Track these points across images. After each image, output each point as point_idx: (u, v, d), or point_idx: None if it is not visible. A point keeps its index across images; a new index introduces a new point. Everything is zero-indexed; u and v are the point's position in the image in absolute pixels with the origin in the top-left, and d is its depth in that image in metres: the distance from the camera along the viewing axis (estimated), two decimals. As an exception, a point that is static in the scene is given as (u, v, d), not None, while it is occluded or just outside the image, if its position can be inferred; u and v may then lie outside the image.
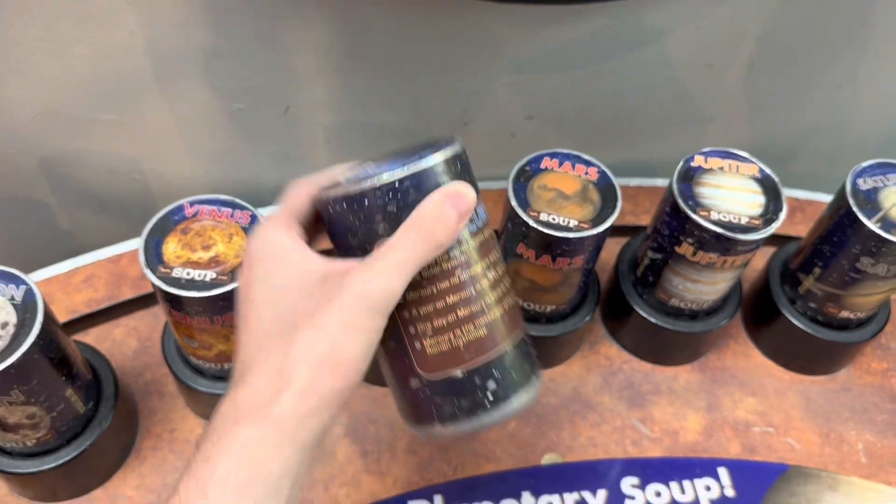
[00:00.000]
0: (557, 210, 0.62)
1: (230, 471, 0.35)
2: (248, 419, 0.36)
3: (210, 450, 0.36)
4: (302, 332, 0.37)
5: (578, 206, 0.62)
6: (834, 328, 0.74)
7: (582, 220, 0.61)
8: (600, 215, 0.62)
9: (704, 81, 0.79)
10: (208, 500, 0.35)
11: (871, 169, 0.68)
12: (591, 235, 0.60)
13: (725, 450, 0.73)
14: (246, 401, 0.37)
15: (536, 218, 0.61)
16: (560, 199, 0.62)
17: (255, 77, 0.70)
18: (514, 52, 0.73)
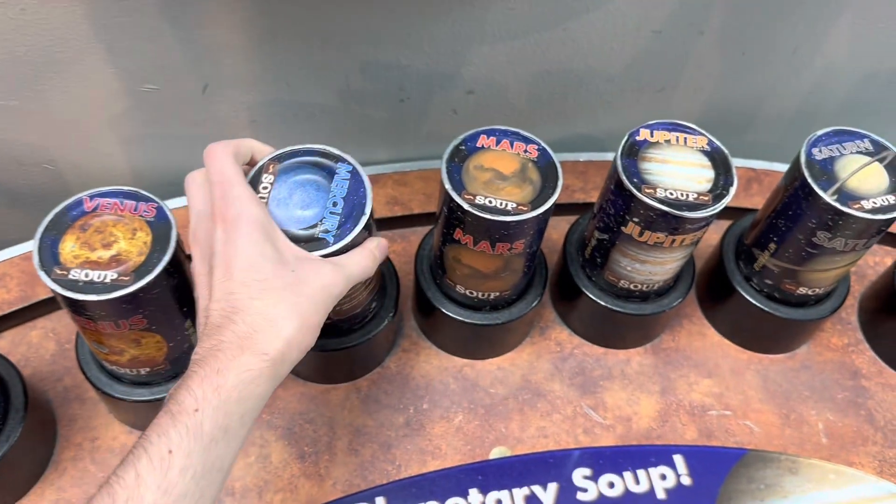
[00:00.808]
0: (495, 192, 0.57)
1: (238, 384, 0.45)
2: (250, 352, 0.46)
3: (222, 365, 0.45)
4: (289, 295, 0.48)
5: (517, 188, 0.57)
6: (792, 305, 0.70)
7: (521, 203, 0.56)
8: (540, 196, 0.57)
9: (653, 49, 0.75)
10: (219, 399, 0.44)
11: (827, 137, 0.64)
12: (530, 218, 0.56)
13: (681, 436, 0.70)
14: (246, 335, 0.46)
15: (472, 202, 0.56)
16: (497, 181, 0.58)
17: (166, 55, 0.64)
18: (448, 23, 0.68)
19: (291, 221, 0.53)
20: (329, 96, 0.72)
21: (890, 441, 0.72)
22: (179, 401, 0.44)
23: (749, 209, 0.77)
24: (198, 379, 0.45)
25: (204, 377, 0.45)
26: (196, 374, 0.45)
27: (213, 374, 0.45)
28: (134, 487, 0.41)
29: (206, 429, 0.43)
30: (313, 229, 0.53)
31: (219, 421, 0.44)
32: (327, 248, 0.52)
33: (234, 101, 0.70)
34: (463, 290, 0.66)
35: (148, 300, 0.52)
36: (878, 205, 0.60)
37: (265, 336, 0.46)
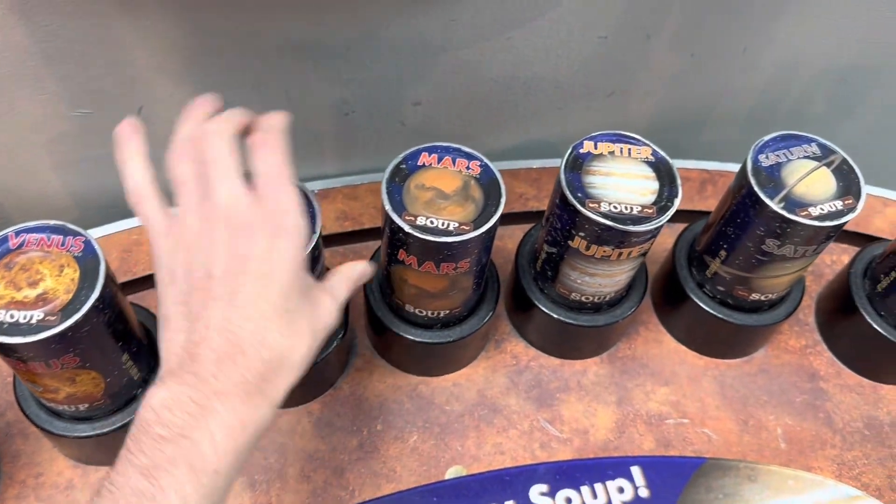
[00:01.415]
0: (436, 212, 0.56)
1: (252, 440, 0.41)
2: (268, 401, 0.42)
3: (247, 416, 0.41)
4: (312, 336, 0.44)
5: (459, 206, 0.56)
6: (745, 311, 0.70)
7: (463, 222, 0.55)
8: (483, 214, 0.56)
9: (600, 55, 0.74)
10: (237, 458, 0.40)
11: (774, 143, 0.63)
12: (473, 238, 0.55)
13: (639, 446, 0.69)
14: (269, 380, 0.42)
15: (413, 223, 0.55)
16: (439, 200, 0.57)
17: (98, 79, 0.62)
18: (388, 36, 0.66)
19: None
20: (270, 112, 0.71)
21: (848, 443, 0.71)
22: (202, 451, 0.39)
23: (703, 212, 0.76)
24: (222, 427, 0.39)
25: (229, 429, 0.40)
26: (219, 415, 0.39)
27: (238, 427, 0.40)
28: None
29: (219, 493, 0.40)
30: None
31: (228, 482, 0.40)
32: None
33: (171, 122, 0.68)
34: (412, 309, 0.64)
35: (78, 338, 0.51)
36: (825, 211, 0.59)
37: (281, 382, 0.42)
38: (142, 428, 0.40)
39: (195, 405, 0.39)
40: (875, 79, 0.88)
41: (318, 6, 0.62)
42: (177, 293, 0.44)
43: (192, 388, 0.40)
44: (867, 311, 0.72)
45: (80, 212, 0.74)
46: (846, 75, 0.87)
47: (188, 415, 0.39)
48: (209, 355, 0.41)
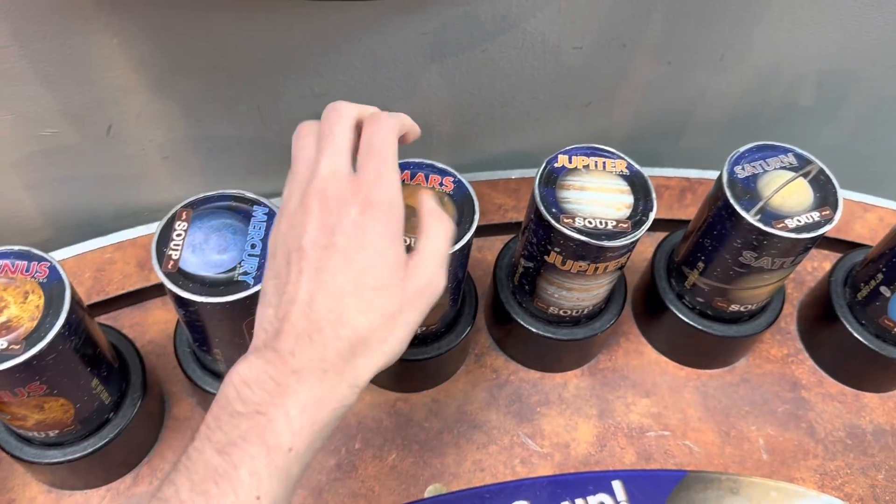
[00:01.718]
0: (410, 230, 0.55)
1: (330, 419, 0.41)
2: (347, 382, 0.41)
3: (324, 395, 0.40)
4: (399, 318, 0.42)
5: None
6: (725, 322, 0.69)
7: None
8: (457, 231, 0.55)
9: (575, 65, 0.74)
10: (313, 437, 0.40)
11: (750, 154, 0.63)
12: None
13: (620, 460, 0.69)
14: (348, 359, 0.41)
15: None
16: (412, 217, 0.56)
17: (64, 99, 0.61)
18: (361, 51, 0.66)
19: (209, 266, 0.52)
20: (243, 129, 0.70)
21: (830, 453, 0.71)
22: (276, 430, 0.38)
23: (683, 221, 0.76)
24: (298, 405, 0.39)
25: (305, 406, 0.39)
26: (296, 394, 0.39)
27: (314, 404, 0.39)
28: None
29: (294, 473, 0.39)
30: (232, 272, 0.52)
31: (304, 461, 0.40)
32: (248, 291, 0.51)
33: (141, 140, 0.68)
34: (388, 326, 0.63)
35: (44, 366, 0.50)
36: (802, 223, 0.59)
37: (363, 362, 0.41)
38: (221, 404, 0.40)
39: (273, 382, 0.39)
40: (853, 83, 0.88)
41: (286, 23, 0.61)
42: (273, 267, 0.43)
43: (271, 365, 0.40)
44: (848, 319, 0.71)
45: (53, 231, 0.73)
46: (824, 80, 0.87)
47: (266, 392, 0.39)
48: (290, 331, 0.40)
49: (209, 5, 0.58)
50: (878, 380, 0.74)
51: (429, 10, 0.64)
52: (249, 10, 0.59)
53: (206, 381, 0.62)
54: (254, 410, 0.39)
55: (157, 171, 0.71)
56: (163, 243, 0.52)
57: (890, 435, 0.73)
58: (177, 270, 0.51)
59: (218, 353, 0.58)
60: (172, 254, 0.52)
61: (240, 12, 0.59)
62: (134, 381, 0.62)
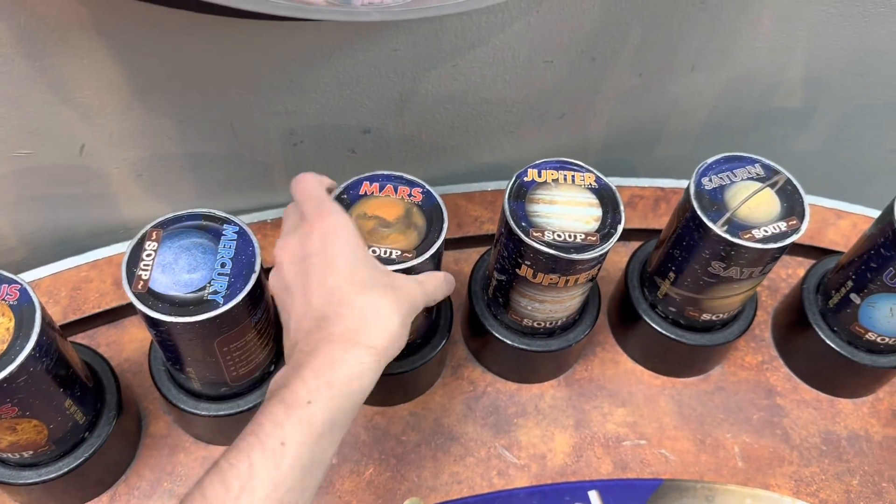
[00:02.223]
0: (379, 241, 0.55)
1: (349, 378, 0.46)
2: (359, 345, 0.47)
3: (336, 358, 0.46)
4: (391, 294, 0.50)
5: (401, 234, 0.56)
6: (698, 331, 0.70)
7: (405, 250, 0.55)
8: (426, 241, 0.56)
9: (547, 78, 0.74)
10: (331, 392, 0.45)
11: (717, 165, 0.63)
12: (416, 265, 0.55)
13: (596, 470, 0.69)
14: (358, 330, 0.48)
15: None
16: (382, 228, 0.56)
17: (35, 120, 0.62)
18: (330, 68, 0.66)
19: (179, 286, 0.52)
20: (216, 146, 0.70)
21: (805, 459, 0.72)
22: (294, 390, 0.45)
23: (657, 230, 0.76)
24: (311, 370, 0.46)
25: (318, 369, 0.46)
26: (309, 364, 0.46)
27: (326, 366, 0.46)
28: (247, 478, 0.42)
29: (318, 421, 0.44)
30: (202, 292, 0.52)
31: (329, 415, 0.45)
32: (218, 310, 0.51)
33: (115, 159, 0.68)
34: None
35: (15, 389, 0.50)
36: (769, 233, 0.59)
37: (374, 329, 0.48)
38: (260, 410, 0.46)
39: (291, 368, 0.47)
40: (824, 91, 0.89)
41: (258, 42, 0.62)
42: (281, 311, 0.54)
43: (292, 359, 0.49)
44: (820, 326, 0.72)
45: (29, 251, 0.74)
46: (796, 89, 0.88)
47: (285, 376, 0.47)
48: (300, 335, 0.49)
49: (179, 25, 0.58)
50: (851, 386, 0.75)
51: (399, 28, 0.65)
52: (220, 29, 0.59)
53: (181, 399, 0.62)
54: (277, 388, 0.47)
55: (132, 189, 0.72)
56: (133, 263, 0.53)
57: (864, 440, 0.73)
58: (147, 290, 0.52)
59: (191, 371, 0.58)
60: (143, 274, 0.52)
61: (210, 32, 0.59)
62: (109, 400, 0.62)
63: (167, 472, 0.66)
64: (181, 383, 0.62)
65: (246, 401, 0.62)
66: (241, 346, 0.57)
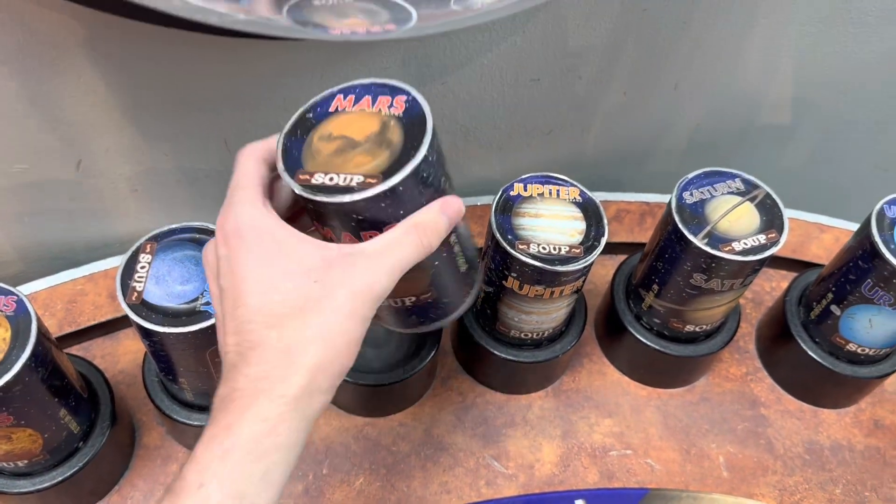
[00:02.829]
0: (340, 166, 0.42)
1: (252, 439, 0.39)
2: (265, 395, 0.40)
3: (232, 420, 0.40)
4: (312, 315, 0.40)
5: (369, 154, 0.42)
6: (682, 342, 0.71)
7: (369, 174, 0.41)
8: (399, 160, 0.41)
9: (534, 96, 0.76)
10: (228, 463, 0.39)
11: (698, 180, 0.65)
12: (382, 192, 0.40)
13: (583, 479, 0.70)
14: (261, 377, 0.40)
15: (307, 182, 0.41)
16: (348, 149, 0.43)
17: (33, 136, 0.63)
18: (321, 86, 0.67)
19: (172, 297, 0.54)
20: (210, 160, 0.72)
21: (789, 469, 0.73)
22: (184, 476, 0.39)
23: (643, 244, 0.78)
24: (203, 443, 0.40)
25: (210, 440, 0.40)
26: (205, 434, 0.40)
27: (221, 432, 0.39)
28: None
29: (215, 501, 0.38)
30: (195, 303, 0.54)
31: (231, 490, 0.39)
32: (210, 321, 0.52)
33: (111, 174, 0.69)
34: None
35: (11, 398, 0.51)
36: (748, 246, 0.61)
37: (283, 372, 0.40)
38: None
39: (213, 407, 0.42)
40: (807, 109, 0.91)
41: (252, 59, 0.63)
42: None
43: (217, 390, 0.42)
44: (802, 338, 0.74)
45: (25, 265, 0.75)
46: (779, 106, 0.90)
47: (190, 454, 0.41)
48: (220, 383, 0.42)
49: (174, 43, 0.60)
50: (833, 396, 0.76)
51: (389, 47, 0.66)
52: (215, 47, 0.61)
53: (174, 410, 0.63)
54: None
55: (127, 204, 0.73)
56: (127, 275, 0.54)
57: (847, 450, 0.75)
58: (141, 302, 0.53)
59: (184, 381, 0.59)
60: (137, 286, 0.54)
61: (206, 50, 0.61)
62: (103, 410, 0.63)
63: (160, 482, 0.67)
64: (174, 394, 0.63)
65: (238, 411, 0.64)
66: (233, 356, 0.58)
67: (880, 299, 0.64)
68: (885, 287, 0.63)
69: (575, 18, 0.69)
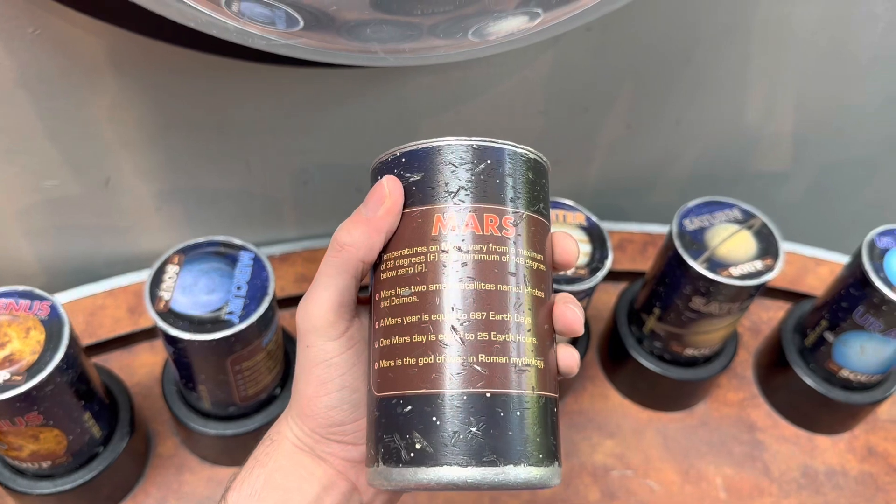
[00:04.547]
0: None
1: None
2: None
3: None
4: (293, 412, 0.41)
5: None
6: (682, 365, 0.74)
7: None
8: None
9: (541, 127, 0.79)
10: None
11: (698, 209, 0.68)
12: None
13: (584, 498, 0.72)
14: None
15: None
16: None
17: (65, 152, 0.66)
18: (342, 114, 0.71)
19: (198, 306, 0.56)
20: (231, 182, 0.75)
21: (784, 491, 0.75)
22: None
23: (645, 272, 0.81)
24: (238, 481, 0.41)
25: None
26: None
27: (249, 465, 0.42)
28: None
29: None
30: (219, 311, 0.56)
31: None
32: (233, 329, 0.55)
33: (136, 192, 0.72)
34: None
35: (42, 397, 0.53)
36: (746, 271, 0.64)
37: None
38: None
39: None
40: (803, 145, 0.94)
41: (275, 87, 0.67)
42: None
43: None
44: (798, 364, 0.76)
45: (48, 277, 0.77)
46: (776, 143, 0.93)
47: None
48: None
49: (202, 69, 0.63)
50: (828, 422, 0.78)
51: (405, 77, 0.70)
52: (241, 73, 0.64)
53: (191, 419, 0.66)
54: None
55: (150, 221, 0.76)
56: (155, 285, 0.57)
57: (840, 475, 0.77)
58: (168, 310, 0.56)
59: (203, 388, 0.61)
60: (164, 295, 0.56)
61: (231, 76, 0.64)
62: (123, 417, 0.65)
63: (173, 489, 0.69)
64: (192, 403, 0.66)
65: (252, 421, 0.66)
66: (251, 365, 0.60)
67: (871, 326, 0.67)
68: (876, 314, 0.66)
69: (582, 53, 0.73)
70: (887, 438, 0.80)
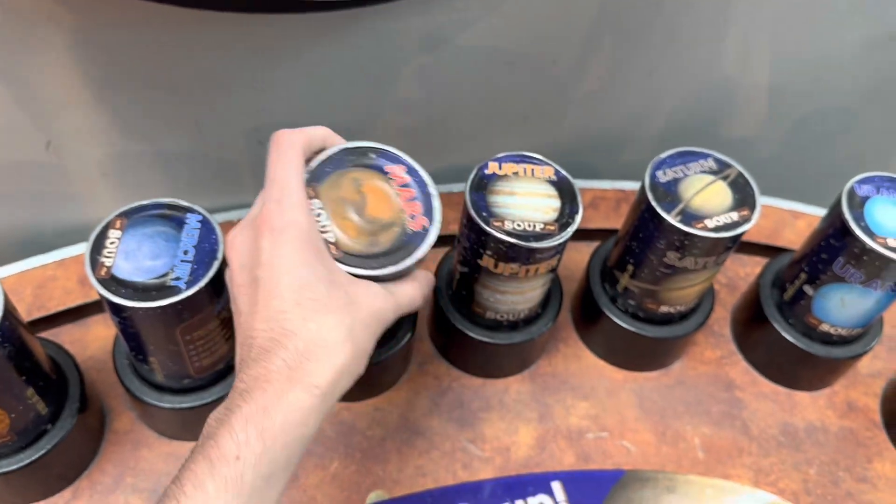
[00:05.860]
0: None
1: (284, 427, 0.41)
2: (301, 385, 0.42)
3: (269, 403, 0.41)
4: (342, 319, 0.45)
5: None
6: (657, 323, 0.72)
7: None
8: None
9: (509, 80, 0.76)
10: (263, 444, 0.40)
11: (671, 159, 0.65)
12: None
13: (559, 462, 0.70)
14: (298, 366, 0.43)
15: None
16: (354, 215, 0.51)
17: (3, 115, 0.62)
18: (297, 68, 0.67)
19: (141, 272, 0.53)
20: (181, 143, 0.71)
21: (764, 450, 0.73)
22: (220, 444, 0.40)
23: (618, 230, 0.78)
24: (241, 418, 0.41)
25: (248, 417, 0.41)
26: (240, 410, 0.41)
27: (258, 413, 0.41)
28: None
29: (248, 479, 0.40)
30: (164, 278, 0.53)
31: (262, 470, 0.40)
32: (180, 295, 0.52)
33: (81, 155, 0.68)
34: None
35: (-25, 374, 0.50)
36: (721, 223, 0.61)
37: (317, 365, 0.43)
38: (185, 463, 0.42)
39: (224, 409, 0.42)
40: (782, 96, 0.91)
41: (223, 39, 0.63)
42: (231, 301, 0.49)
43: (227, 400, 0.43)
44: (776, 319, 0.74)
45: (-7, 249, 0.74)
46: (752, 95, 0.90)
47: (217, 420, 0.42)
48: (243, 363, 0.44)
49: (146, 21, 0.59)
50: (807, 378, 0.76)
51: (362, 26, 0.66)
52: (186, 25, 0.60)
53: (145, 392, 0.62)
54: (205, 438, 0.42)
55: (98, 188, 0.72)
56: (96, 251, 0.53)
57: (821, 432, 0.75)
58: (110, 277, 0.52)
59: (154, 361, 0.58)
60: (105, 261, 0.53)
61: (177, 28, 0.60)
62: (72, 392, 0.62)
63: (130, 466, 0.66)
64: (144, 376, 0.62)
65: (209, 393, 0.63)
66: (203, 335, 0.57)
67: (852, 277, 0.65)
68: (856, 265, 0.64)
69: (549, 1, 0.69)
70: (867, 393, 0.78)
